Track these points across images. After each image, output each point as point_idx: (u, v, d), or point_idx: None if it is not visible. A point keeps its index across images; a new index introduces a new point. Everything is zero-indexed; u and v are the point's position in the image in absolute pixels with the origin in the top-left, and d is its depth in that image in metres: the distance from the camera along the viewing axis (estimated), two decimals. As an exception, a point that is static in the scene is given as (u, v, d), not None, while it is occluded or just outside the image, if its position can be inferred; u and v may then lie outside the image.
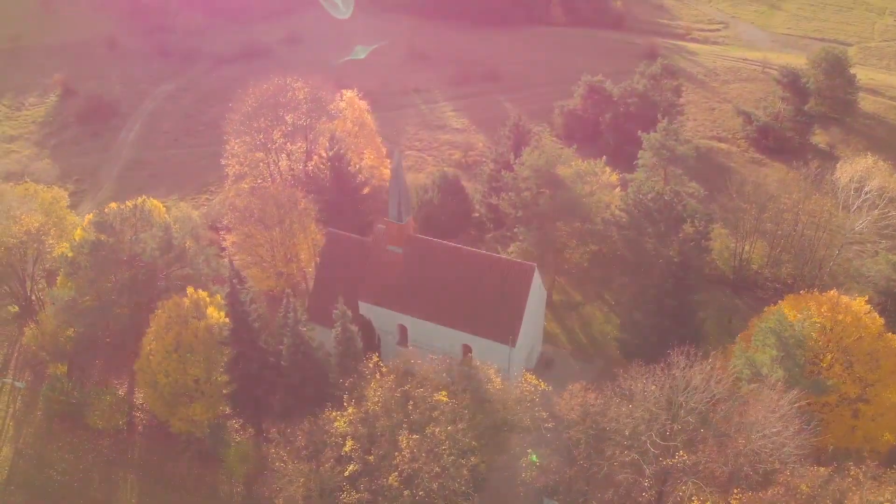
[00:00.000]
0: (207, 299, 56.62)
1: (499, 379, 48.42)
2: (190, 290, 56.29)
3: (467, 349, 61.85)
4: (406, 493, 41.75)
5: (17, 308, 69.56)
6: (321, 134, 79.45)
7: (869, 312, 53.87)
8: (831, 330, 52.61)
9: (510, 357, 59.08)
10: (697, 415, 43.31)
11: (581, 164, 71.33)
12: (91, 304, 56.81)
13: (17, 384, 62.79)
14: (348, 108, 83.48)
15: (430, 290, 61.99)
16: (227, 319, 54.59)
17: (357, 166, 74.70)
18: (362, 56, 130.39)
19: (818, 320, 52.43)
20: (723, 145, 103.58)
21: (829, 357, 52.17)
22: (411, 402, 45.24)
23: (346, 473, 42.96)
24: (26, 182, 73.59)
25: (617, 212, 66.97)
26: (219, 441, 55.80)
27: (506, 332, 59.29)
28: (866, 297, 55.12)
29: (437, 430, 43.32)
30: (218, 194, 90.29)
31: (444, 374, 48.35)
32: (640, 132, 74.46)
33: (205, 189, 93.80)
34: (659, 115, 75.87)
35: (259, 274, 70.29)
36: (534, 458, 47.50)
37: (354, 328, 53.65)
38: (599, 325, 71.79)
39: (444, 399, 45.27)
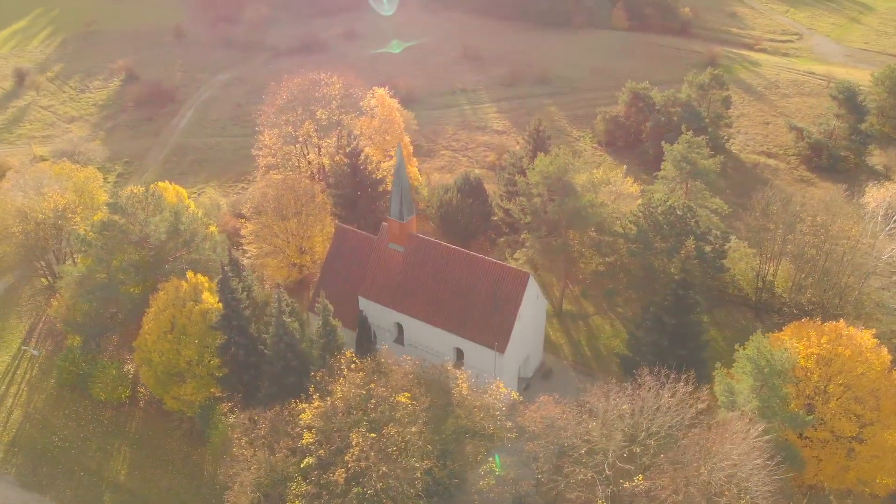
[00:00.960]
0: (206, 284, 58.34)
1: (466, 385, 47.99)
2: (190, 274, 58.18)
3: (461, 353, 61.72)
4: (355, 490, 42.04)
5: (46, 281, 73.46)
6: (348, 129, 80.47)
7: (876, 347, 50.74)
8: (830, 363, 49.88)
9: (496, 363, 58.56)
10: (659, 439, 41.82)
11: (598, 173, 69.85)
12: (101, 281, 59.52)
13: (34, 352, 66.48)
14: (378, 105, 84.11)
15: (427, 290, 62.04)
16: (220, 305, 56.05)
17: (374, 163, 75.17)
18: (397, 50, 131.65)
19: (817, 351, 49.83)
20: (771, 161, 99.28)
21: (827, 390, 49.52)
22: (373, 401, 45.47)
23: (302, 465, 43.61)
24: (64, 161, 77.34)
25: (627, 223, 65.23)
26: (207, 422, 57.45)
27: (496, 338, 58.80)
28: (874, 331, 51.80)
29: (394, 430, 43.43)
30: (253, 184, 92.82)
31: (411, 376, 48.28)
32: (662, 143, 72.20)
33: (242, 178, 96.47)
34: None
35: (274, 263, 71.93)
36: (497, 464, 46.88)
37: (337, 322, 54.29)
38: (607, 338, 70.16)
39: (404, 400, 45.29)
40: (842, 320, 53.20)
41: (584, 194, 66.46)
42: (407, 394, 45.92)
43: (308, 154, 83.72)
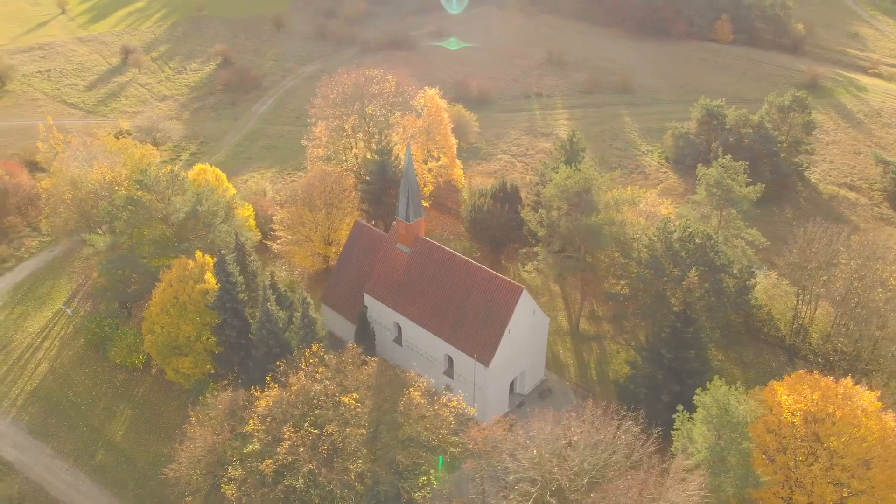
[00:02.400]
0: (212, 265, 60.77)
1: (418, 393, 47.42)
2: (198, 253, 60.82)
3: (451, 360, 61.12)
4: (284, 483, 42.75)
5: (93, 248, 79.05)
6: (390, 127, 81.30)
7: (879, 411, 45.84)
8: (821, 422, 45.55)
9: (475, 373, 57.58)
10: (592, 477, 39.67)
11: (626, 191, 66.84)
12: (122, 252, 63.46)
13: (69, 312, 71.78)
14: (427, 105, 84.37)
15: (426, 294, 61.78)
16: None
17: (397, 159, 75.50)
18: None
19: (804, 407, 45.65)
20: (851, 194, 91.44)
21: (814, 452, 45.28)
22: (322, 398, 45.93)
23: (245, 450, 44.74)
24: (125, 137, 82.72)
25: (641, 246, 62.15)
26: (198, 397, 59.98)
27: (482, 349, 57.79)
28: (878, 393, 46.72)
29: (332, 429, 43.76)
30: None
31: (367, 377, 48.33)
32: (699, 165, 68.10)
33: (302, 167, 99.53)
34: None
35: (300, 252, 73.99)
36: (439, 466, 45.91)
37: (317, 316, 55.17)
38: (618, 364, 67.14)
39: (348, 401, 45.45)
40: (848, 378, 48.39)
41: (604, 212, 63.96)
42: (355, 395, 46.03)
43: (353, 148, 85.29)
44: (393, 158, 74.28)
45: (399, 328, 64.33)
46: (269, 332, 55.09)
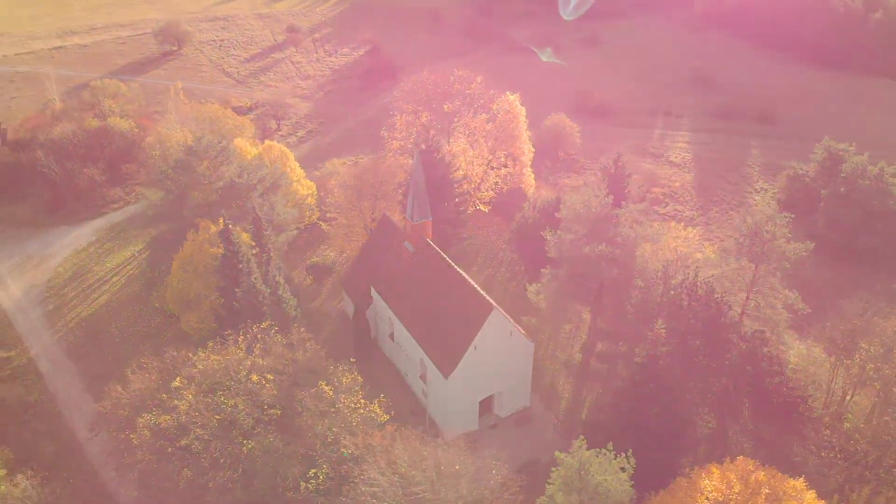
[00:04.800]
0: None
1: (330, 389, 47.83)
2: (221, 220, 65.56)
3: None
4: (182, 441, 45.58)
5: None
6: (429, 125, 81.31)
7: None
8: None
9: (437, 381, 56.76)
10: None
11: (649, 226, 61.53)
12: (167, 209, 70.21)
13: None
14: (502, 110, 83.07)
15: (416, 296, 61.81)
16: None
17: (448, 160, 75.10)
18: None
19: (720, 497, 40.11)
20: None
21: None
22: (243, 372, 48.10)
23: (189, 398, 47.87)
24: (228, 108, 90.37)
25: (639, 283, 57.07)
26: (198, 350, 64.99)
27: (446, 360, 56.76)
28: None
29: (229, 402, 45.87)
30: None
31: (287, 362, 49.69)
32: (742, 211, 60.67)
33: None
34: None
35: (341, 234, 76.95)
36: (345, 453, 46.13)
37: (289, 297, 57.42)
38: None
39: (256, 379, 47.16)
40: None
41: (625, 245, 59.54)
42: (269, 376, 47.67)
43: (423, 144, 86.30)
44: (440, 158, 74.24)
45: (392, 324, 64.97)
46: (249, 304, 58.41)
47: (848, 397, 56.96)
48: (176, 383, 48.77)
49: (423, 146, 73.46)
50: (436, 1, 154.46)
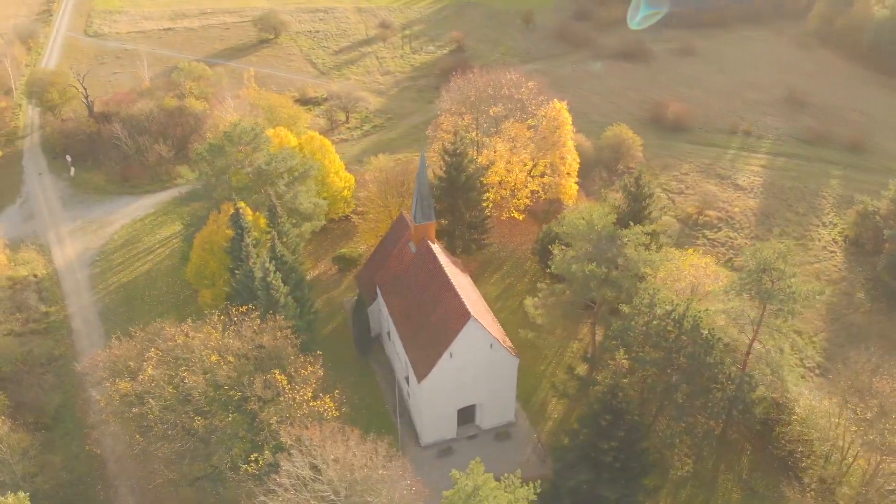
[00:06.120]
0: (252, 215, 67.66)
1: (283, 377, 48.58)
2: (241, 203, 67.87)
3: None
4: (144, 407, 47.99)
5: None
6: (458, 128, 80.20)
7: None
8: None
9: (408, 383, 56.46)
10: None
11: (651, 252, 58.10)
12: (200, 191, 73.53)
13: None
14: (546, 117, 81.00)
15: (409, 296, 61.60)
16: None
17: (474, 165, 73.97)
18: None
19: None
20: None
21: None
22: (207, 350, 49.76)
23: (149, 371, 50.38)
24: (286, 95, 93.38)
25: (624, 310, 54.01)
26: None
27: (422, 364, 56.30)
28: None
29: (190, 378, 47.68)
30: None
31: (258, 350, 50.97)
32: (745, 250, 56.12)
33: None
34: None
35: (368, 228, 77.99)
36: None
37: (279, 283, 58.68)
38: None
39: (215, 360, 48.62)
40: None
41: (627, 266, 56.77)
42: (230, 358, 49.13)
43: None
44: (467, 161, 73.41)
45: (389, 321, 65.20)
46: (244, 287, 60.36)
47: (850, 459, 51.55)
48: (151, 354, 51.15)
49: (450, 148, 72.94)
50: (536, 2, 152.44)
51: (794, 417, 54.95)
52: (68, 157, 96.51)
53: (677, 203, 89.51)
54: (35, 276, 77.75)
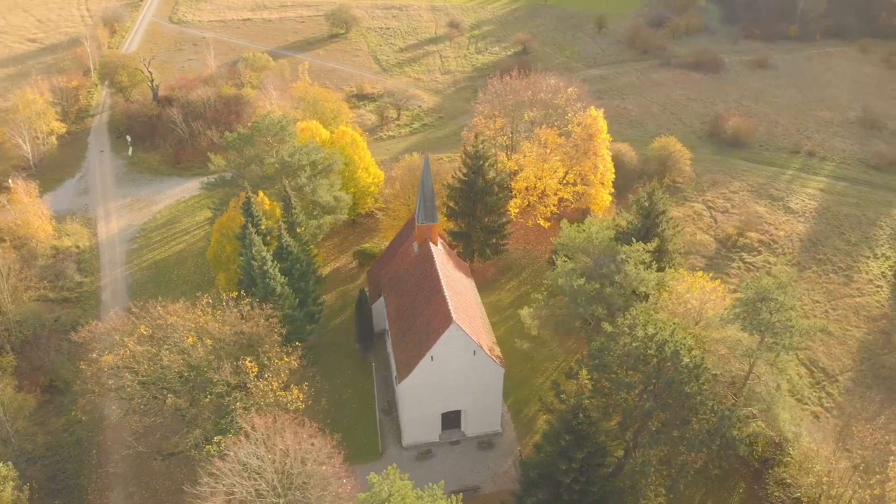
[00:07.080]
0: (267, 204, 69.36)
1: (254, 366, 49.50)
2: (261, 193, 69.84)
3: (401, 367, 60.50)
4: (110, 381, 50.18)
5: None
6: (477, 131, 78.97)
7: None
8: None
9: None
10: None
11: (650, 272, 55.66)
12: (227, 177, 75.88)
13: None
14: (580, 124, 79.03)
15: (405, 296, 61.58)
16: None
17: (495, 170, 72.86)
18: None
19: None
20: None
21: None
22: (184, 332, 51.39)
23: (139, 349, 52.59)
24: (344, 89, 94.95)
25: (606, 329, 51.88)
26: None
27: (404, 365, 56.19)
28: None
29: (167, 358, 49.35)
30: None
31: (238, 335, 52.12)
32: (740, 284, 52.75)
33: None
34: None
35: (387, 224, 78.55)
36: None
37: (273, 273, 59.84)
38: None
39: (191, 342, 50.06)
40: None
41: (625, 283, 54.89)
42: (208, 341, 50.58)
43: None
44: (487, 165, 72.48)
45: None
46: (246, 273, 62.01)
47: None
48: (141, 330, 53.30)
49: (471, 151, 72.26)
50: (614, 8, 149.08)
51: (787, 459, 51.55)
52: (128, 137, 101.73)
53: (719, 222, 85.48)
54: (78, 247, 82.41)
